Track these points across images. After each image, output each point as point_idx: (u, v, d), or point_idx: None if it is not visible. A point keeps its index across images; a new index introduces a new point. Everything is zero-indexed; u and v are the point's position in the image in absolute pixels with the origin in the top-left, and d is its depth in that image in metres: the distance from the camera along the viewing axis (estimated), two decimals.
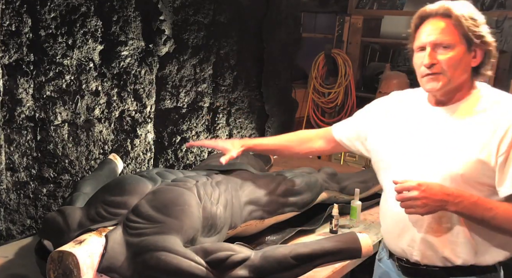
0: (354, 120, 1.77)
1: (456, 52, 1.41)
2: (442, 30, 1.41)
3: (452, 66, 1.42)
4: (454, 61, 1.41)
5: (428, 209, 1.36)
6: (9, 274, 1.66)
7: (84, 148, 2.27)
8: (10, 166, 2.00)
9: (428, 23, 1.44)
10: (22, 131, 2.01)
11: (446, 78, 1.43)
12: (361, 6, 4.08)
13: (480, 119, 1.42)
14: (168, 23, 2.50)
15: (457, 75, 1.43)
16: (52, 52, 2.04)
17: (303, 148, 1.86)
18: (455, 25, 1.40)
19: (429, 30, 1.43)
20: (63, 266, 1.33)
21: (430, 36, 1.42)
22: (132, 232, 1.47)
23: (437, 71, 1.43)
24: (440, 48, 1.42)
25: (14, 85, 1.94)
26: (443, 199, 1.35)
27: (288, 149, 1.88)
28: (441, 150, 1.45)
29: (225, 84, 3.00)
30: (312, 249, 1.45)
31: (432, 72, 1.44)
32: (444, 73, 1.42)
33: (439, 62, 1.42)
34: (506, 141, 1.37)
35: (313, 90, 4.12)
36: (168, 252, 1.41)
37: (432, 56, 1.42)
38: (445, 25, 1.41)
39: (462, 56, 1.42)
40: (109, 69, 2.30)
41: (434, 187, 1.36)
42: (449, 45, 1.41)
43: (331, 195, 2.21)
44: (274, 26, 3.29)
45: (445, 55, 1.41)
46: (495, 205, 1.38)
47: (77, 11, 2.10)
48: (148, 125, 2.57)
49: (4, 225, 2.04)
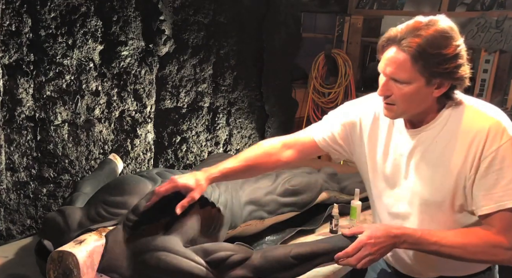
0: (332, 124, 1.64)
1: (411, 88, 1.32)
2: (399, 65, 1.31)
3: (405, 100, 1.35)
4: (407, 96, 1.34)
5: (382, 256, 1.38)
6: (9, 274, 1.66)
7: (84, 148, 2.27)
8: (10, 166, 2.00)
9: (390, 50, 1.33)
10: (22, 131, 2.01)
11: (399, 110, 1.38)
12: (361, 6, 4.08)
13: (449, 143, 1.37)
14: (168, 23, 2.50)
15: (413, 107, 1.37)
16: (52, 52, 2.04)
17: (271, 162, 1.63)
18: (414, 61, 1.29)
19: (388, 60, 1.34)
20: (63, 266, 1.33)
21: (387, 67, 1.34)
22: (132, 232, 1.47)
23: (390, 102, 1.38)
24: (395, 81, 1.34)
25: (14, 85, 1.94)
26: (392, 243, 1.35)
27: (257, 166, 1.63)
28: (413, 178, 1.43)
29: (225, 84, 3.00)
30: (312, 248, 1.45)
31: (386, 102, 1.39)
32: (397, 105, 1.37)
33: (393, 94, 1.36)
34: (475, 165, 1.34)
35: (313, 90, 4.11)
36: (168, 252, 1.41)
37: (386, 88, 1.36)
38: (403, 60, 1.30)
39: (418, 91, 1.32)
40: (109, 69, 2.30)
41: (380, 235, 1.35)
42: (403, 81, 1.32)
43: (331, 195, 2.21)
44: (274, 26, 3.29)
45: (400, 89, 1.34)
46: (439, 237, 1.35)
47: (77, 11, 2.10)
48: (148, 125, 2.57)
49: (4, 225, 2.04)
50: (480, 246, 1.34)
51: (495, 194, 1.32)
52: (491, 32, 3.22)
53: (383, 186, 1.52)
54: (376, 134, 1.52)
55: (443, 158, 1.37)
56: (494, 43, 3.21)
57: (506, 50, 3.23)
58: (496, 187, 1.31)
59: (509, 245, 1.33)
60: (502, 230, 1.32)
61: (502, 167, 1.30)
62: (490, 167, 1.31)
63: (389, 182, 1.50)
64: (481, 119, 1.34)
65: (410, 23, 1.32)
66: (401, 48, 1.30)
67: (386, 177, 1.50)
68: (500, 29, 3.21)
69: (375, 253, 1.34)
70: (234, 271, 1.42)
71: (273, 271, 1.43)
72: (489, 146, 1.31)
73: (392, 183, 1.49)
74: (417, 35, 1.28)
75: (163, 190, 1.51)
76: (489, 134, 1.31)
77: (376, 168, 1.53)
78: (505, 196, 1.31)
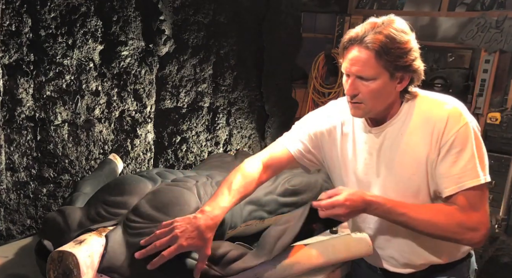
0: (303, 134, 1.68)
1: (377, 83, 1.40)
2: (364, 63, 1.38)
3: (373, 97, 1.41)
4: (375, 92, 1.41)
5: (349, 218, 1.48)
6: (9, 274, 1.66)
7: (84, 148, 2.27)
8: (10, 166, 2.00)
9: (353, 50, 1.40)
10: (22, 131, 2.01)
11: (367, 108, 1.44)
12: (361, 6, 4.08)
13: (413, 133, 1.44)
14: (168, 23, 2.50)
15: (380, 103, 1.44)
16: (52, 52, 2.04)
17: (254, 185, 1.62)
18: (378, 57, 1.37)
19: (352, 59, 1.40)
20: (63, 266, 1.33)
21: (353, 67, 1.40)
22: (132, 232, 1.47)
23: (358, 101, 1.43)
24: (362, 79, 1.41)
25: (14, 85, 1.94)
26: (363, 209, 1.42)
27: (246, 194, 1.60)
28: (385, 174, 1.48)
29: (225, 84, 3.00)
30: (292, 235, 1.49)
31: (353, 101, 1.45)
32: (365, 103, 1.43)
33: (360, 93, 1.42)
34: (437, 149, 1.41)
35: (313, 90, 4.12)
36: None
37: (353, 87, 1.42)
38: (367, 57, 1.37)
39: (384, 86, 1.41)
40: (109, 69, 2.30)
41: (356, 199, 1.40)
42: (370, 78, 1.39)
43: None
44: (274, 26, 3.29)
45: (366, 87, 1.41)
46: (409, 209, 1.41)
47: (77, 11, 2.10)
48: (148, 125, 2.57)
49: (4, 225, 2.04)
50: (445, 223, 1.39)
51: (455, 175, 1.38)
52: (491, 32, 3.22)
53: (358, 188, 1.54)
54: (345, 139, 1.58)
55: (410, 149, 1.44)
56: (494, 43, 3.22)
57: (506, 50, 3.23)
58: (455, 169, 1.38)
59: (471, 225, 1.38)
60: (465, 210, 1.38)
61: (460, 149, 1.38)
62: (449, 150, 1.39)
63: (363, 183, 1.54)
64: (439, 107, 1.43)
65: (367, 24, 1.41)
66: (364, 46, 1.37)
67: (360, 179, 1.55)
68: (500, 29, 3.21)
69: (345, 215, 1.42)
70: (235, 264, 1.43)
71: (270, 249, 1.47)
72: (449, 130, 1.39)
73: (366, 184, 1.54)
74: (378, 32, 1.37)
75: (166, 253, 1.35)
76: (448, 120, 1.40)
77: (348, 171, 1.58)
78: (464, 176, 1.38)
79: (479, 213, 1.39)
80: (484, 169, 1.40)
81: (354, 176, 1.56)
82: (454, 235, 1.40)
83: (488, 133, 3.17)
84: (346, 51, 1.43)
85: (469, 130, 1.39)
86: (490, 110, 3.20)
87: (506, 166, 3.02)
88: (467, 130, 1.39)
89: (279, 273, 1.49)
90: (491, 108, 3.21)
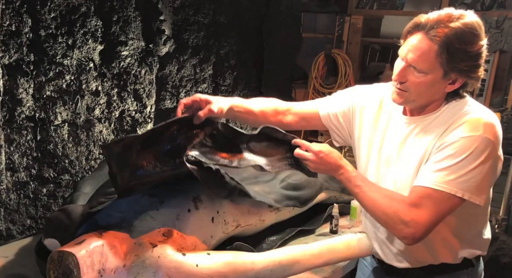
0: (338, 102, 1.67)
1: (428, 78, 1.31)
2: (422, 54, 1.29)
3: (419, 90, 1.34)
4: (423, 86, 1.33)
5: (316, 171, 1.48)
6: (9, 274, 1.66)
7: (84, 148, 2.27)
8: (10, 166, 2.00)
9: (416, 36, 1.31)
10: (22, 131, 2.01)
11: (410, 98, 1.38)
12: (361, 6, 4.08)
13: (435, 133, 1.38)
14: (168, 23, 2.50)
15: (424, 98, 1.37)
16: (52, 52, 2.04)
17: (275, 119, 1.68)
18: (438, 53, 1.28)
19: (412, 46, 1.31)
20: (63, 266, 1.33)
21: (409, 53, 1.32)
22: None
23: (403, 88, 1.37)
24: (414, 69, 1.32)
25: (14, 85, 1.94)
26: (331, 169, 1.45)
27: (264, 117, 1.68)
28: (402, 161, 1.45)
29: (225, 84, 3.00)
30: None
31: (398, 87, 1.38)
32: (409, 92, 1.36)
33: (407, 81, 1.35)
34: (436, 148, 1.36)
35: (313, 90, 4.11)
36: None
37: (403, 74, 1.35)
38: (428, 49, 1.28)
39: (434, 83, 1.32)
40: (109, 69, 2.30)
41: (330, 158, 1.43)
42: (422, 70, 1.31)
43: (331, 195, 2.20)
44: (274, 26, 3.29)
45: (416, 78, 1.33)
46: (364, 185, 1.42)
47: (77, 11, 2.10)
48: (148, 125, 2.57)
49: (4, 225, 2.04)
50: (385, 207, 1.37)
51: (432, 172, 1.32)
52: (491, 32, 3.22)
53: (378, 169, 1.53)
54: (377, 120, 1.55)
55: (424, 144, 1.39)
56: (494, 43, 3.21)
57: (506, 50, 3.23)
58: (437, 166, 1.32)
59: (405, 219, 1.33)
60: (410, 204, 1.34)
61: (457, 154, 1.30)
62: (445, 149, 1.32)
63: (383, 167, 1.51)
64: (467, 113, 1.35)
65: (442, 13, 1.31)
66: (429, 37, 1.28)
67: (381, 162, 1.52)
68: (500, 29, 3.21)
69: (313, 164, 1.44)
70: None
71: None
72: (457, 133, 1.32)
73: (385, 168, 1.51)
74: (446, 26, 1.27)
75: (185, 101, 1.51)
76: (463, 125, 1.32)
77: (371, 152, 1.55)
78: (438, 178, 1.31)
79: (421, 212, 1.32)
80: (471, 189, 1.30)
81: (378, 157, 1.52)
82: (388, 221, 1.37)
83: None
84: (409, 35, 1.33)
85: (481, 143, 1.28)
86: None
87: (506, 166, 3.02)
88: (477, 142, 1.29)
89: (279, 273, 1.49)
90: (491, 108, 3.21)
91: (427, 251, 1.48)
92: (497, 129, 1.34)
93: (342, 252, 1.54)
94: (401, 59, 1.36)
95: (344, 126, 1.65)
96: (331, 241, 1.57)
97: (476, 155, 1.29)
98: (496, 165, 1.35)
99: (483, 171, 1.30)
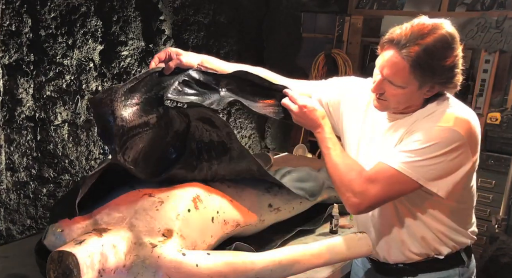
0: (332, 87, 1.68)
1: (405, 91, 1.34)
2: (397, 71, 1.31)
3: (397, 100, 1.38)
4: (401, 97, 1.36)
5: (297, 123, 1.56)
6: (9, 274, 1.66)
7: (84, 148, 2.27)
8: (10, 166, 2.00)
9: (390, 52, 1.33)
10: (22, 131, 2.01)
11: (390, 106, 1.41)
12: (361, 6, 4.07)
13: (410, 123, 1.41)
14: (168, 23, 2.50)
15: (404, 105, 1.40)
16: (52, 52, 2.04)
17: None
18: (412, 70, 1.29)
19: (386, 62, 1.33)
20: (63, 266, 1.33)
21: (385, 69, 1.34)
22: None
23: (382, 98, 1.40)
24: (390, 83, 1.35)
25: (14, 85, 1.94)
26: (310, 125, 1.52)
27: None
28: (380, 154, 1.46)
29: None
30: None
31: (378, 97, 1.41)
32: (389, 102, 1.40)
33: (386, 92, 1.38)
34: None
35: None
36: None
37: (380, 87, 1.37)
38: (402, 67, 1.30)
39: (412, 94, 1.35)
40: (109, 69, 2.30)
41: (313, 115, 1.49)
42: (398, 85, 1.34)
43: (331, 195, 2.20)
44: (274, 26, 3.29)
45: (393, 90, 1.35)
46: (332, 149, 1.46)
47: (77, 11, 2.10)
48: None
49: (4, 225, 2.04)
50: (342, 174, 1.42)
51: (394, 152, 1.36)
52: (491, 32, 3.21)
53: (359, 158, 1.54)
54: (366, 114, 1.56)
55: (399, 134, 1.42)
56: (494, 43, 3.21)
57: (506, 50, 3.22)
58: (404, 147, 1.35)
59: (355, 189, 1.38)
60: (366, 177, 1.38)
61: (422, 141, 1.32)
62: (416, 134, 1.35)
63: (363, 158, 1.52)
64: (447, 107, 1.37)
65: (414, 26, 1.31)
66: (401, 56, 1.30)
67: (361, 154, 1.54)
68: (500, 29, 3.21)
69: (295, 115, 1.51)
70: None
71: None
72: (426, 122, 1.35)
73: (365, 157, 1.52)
74: (418, 43, 1.28)
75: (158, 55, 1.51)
76: (438, 115, 1.35)
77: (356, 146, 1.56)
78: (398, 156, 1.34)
79: (372, 187, 1.36)
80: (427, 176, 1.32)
81: (358, 149, 1.55)
82: (340, 187, 1.42)
83: (488, 133, 3.16)
84: (383, 49, 1.36)
85: (449, 135, 1.31)
86: (490, 110, 3.19)
87: (506, 166, 3.01)
88: (445, 133, 1.31)
89: (279, 272, 1.49)
90: (491, 108, 3.20)
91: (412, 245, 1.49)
92: (472, 127, 1.35)
93: (342, 252, 1.54)
94: (378, 71, 1.38)
95: (333, 115, 1.65)
96: (331, 241, 1.57)
97: (441, 145, 1.31)
98: (464, 161, 1.35)
99: (444, 161, 1.32)
